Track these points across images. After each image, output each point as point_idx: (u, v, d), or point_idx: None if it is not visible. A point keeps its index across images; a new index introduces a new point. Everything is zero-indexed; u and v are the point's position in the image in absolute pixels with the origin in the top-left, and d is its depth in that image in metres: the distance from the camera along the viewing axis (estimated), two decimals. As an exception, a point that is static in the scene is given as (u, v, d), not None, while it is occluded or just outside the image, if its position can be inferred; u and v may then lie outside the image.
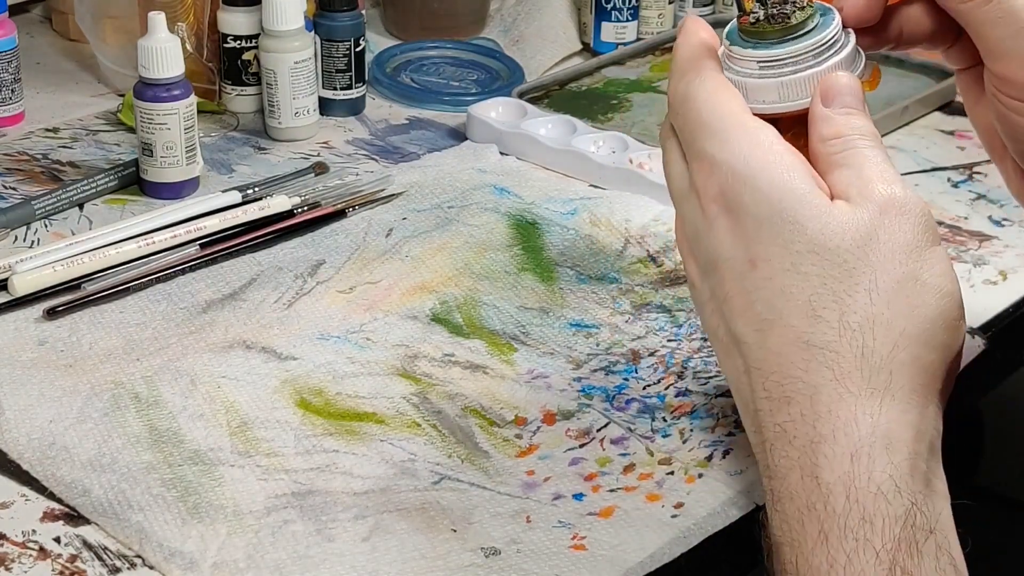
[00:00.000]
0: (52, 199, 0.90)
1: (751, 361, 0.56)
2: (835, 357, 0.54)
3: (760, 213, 0.56)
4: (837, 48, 0.60)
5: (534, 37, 1.17)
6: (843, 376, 0.53)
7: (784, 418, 0.54)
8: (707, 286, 0.59)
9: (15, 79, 1.02)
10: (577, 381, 0.74)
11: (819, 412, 0.53)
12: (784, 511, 0.53)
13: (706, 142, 0.58)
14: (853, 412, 0.53)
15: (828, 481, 0.52)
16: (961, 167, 1.00)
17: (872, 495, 0.51)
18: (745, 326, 0.56)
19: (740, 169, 0.57)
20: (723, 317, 0.58)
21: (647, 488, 0.66)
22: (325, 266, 0.84)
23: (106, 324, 0.78)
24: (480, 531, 0.63)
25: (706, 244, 0.58)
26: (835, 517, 0.51)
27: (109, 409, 0.70)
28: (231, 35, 1.02)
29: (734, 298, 0.57)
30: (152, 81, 0.90)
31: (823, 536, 0.51)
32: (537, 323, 0.79)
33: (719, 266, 0.57)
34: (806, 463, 0.53)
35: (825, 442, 0.53)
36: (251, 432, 0.69)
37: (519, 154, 0.98)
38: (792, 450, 0.54)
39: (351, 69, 1.04)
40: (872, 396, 0.53)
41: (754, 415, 0.57)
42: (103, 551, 0.61)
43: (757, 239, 0.56)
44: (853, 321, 0.54)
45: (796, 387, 0.54)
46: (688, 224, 0.60)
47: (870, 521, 0.51)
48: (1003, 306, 0.83)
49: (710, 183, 0.58)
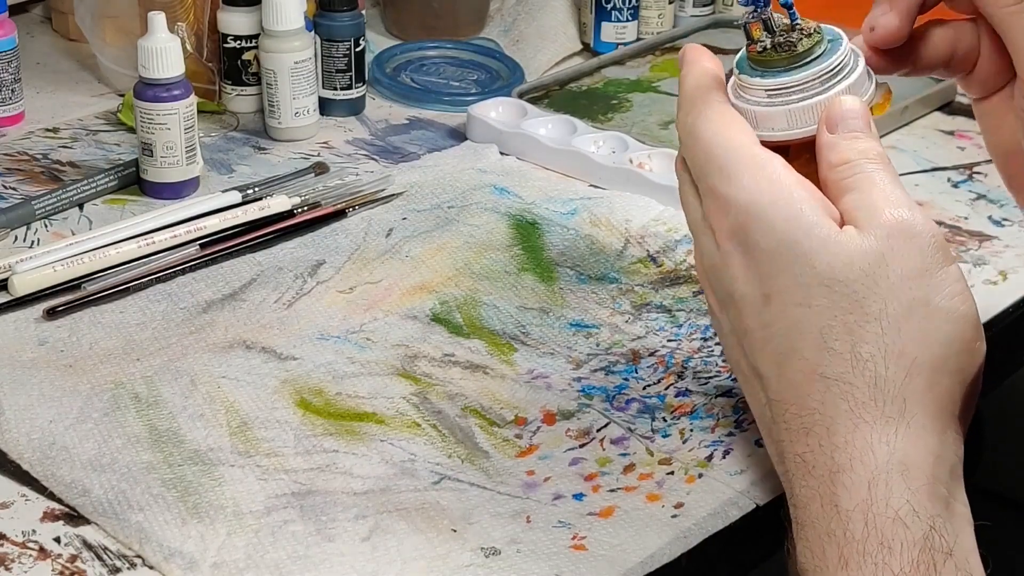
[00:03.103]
0: (52, 199, 0.90)
1: (771, 393, 0.57)
2: (849, 388, 0.54)
3: (770, 248, 0.56)
4: (845, 73, 0.61)
5: (534, 37, 1.17)
6: (858, 407, 0.54)
7: (803, 449, 0.55)
8: (726, 319, 0.60)
9: (15, 79, 1.02)
10: (577, 381, 0.74)
11: (836, 443, 0.54)
12: (807, 538, 0.54)
13: (716, 179, 0.59)
14: (869, 441, 0.53)
15: (847, 508, 0.53)
16: (961, 167, 1.00)
17: (890, 520, 0.52)
18: (764, 360, 0.57)
19: (750, 206, 0.57)
20: (743, 351, 0.59)
21: (647, 488, 0.66)
22: (325, 266, 0.84)
23: (106, 324, 0.78)
24: (480, 531, 0.63)
25: (723, 279, 0.59)
26: (854, 543, 0.52)
27: (109, 409, 0.70)
28: (231, 35, 1.02)
29: (752, 332, 0.57)
30: (152, 81, 0.90)
31: (843, 562, 0.52)
32: (537, 323, 0.79)
33: (736, 301, 0.58)
34: (825, 492, 0.54)
35: (843, 471, 0.53)
36: (251, 432, 0.69)
37: (519, 154, 0.98)
38: (812, 479, 0.54)
39: (351, 69, 1.04)
40: (887, 424, 0.54)
41: (776, 445, 0.57)
42: (103, 551, 0.61)
43: (769, 274, 0.56)
44: (865, 352, 0.54)
45: (813, 419, 0.55)
46: (706, 258, 0.60)
47: (888, 546, 0.52)
48: (1003, 306, 0.83)
49: (723, 220, 0.58)
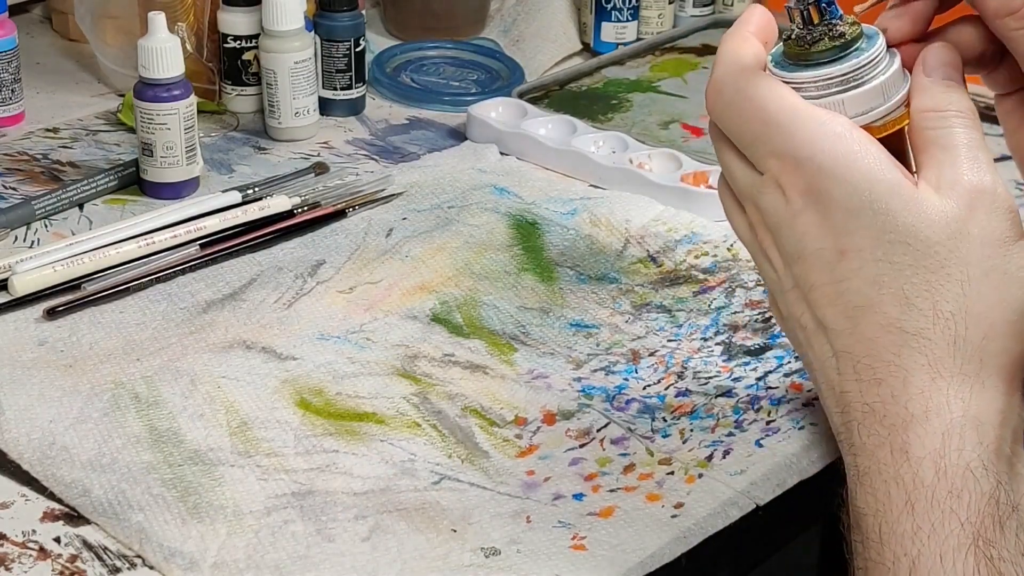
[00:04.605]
0: (52, 199, 0.90)
1: (839, 346, 0.58)
2: (928, 344, 0.56)
3: (851, 206, 0.57)
4: (885, 66, 0.61)
5: (534, 37, 1.17)
6: (936, 362, 0.55)
7: (874, 398, 0.56)
8: (790, 275, 0.60)
9: (15, 79, 1.02)
10: (577, 381, 0.74)
11: (911, 394, 0.55)
12: (871, 484, 0.56)
13: (781, 139, 0.59)
14: (946, 395, 0.55)
15: (918, 456, 0.54)
16: (961, 167, 1.00)
17: (961, 471, 0.54)
18: (834, 313, 0.58)
19: (826, 163, 0.58)
20: (808, 305, 0.59)
21: (647, 488, 0.66)
22: (325, 266, 0.84)
23: (106, 324, 0.78)
24: (480, 531, 0.63)
25: (790, 235, 0.59)
26: (923, 489, 0.54)
27: (109, 409, 0.70)
28: (231, 35, 1.02)
29: (823, 287, 0.58)
30: (152, 81, 0.90)
31: (909, 505, 0.54)
32: (537, 323, 0.79)
33: (806, 257, 0.59)
34: (896, 440, 0.55)
35: (916, 421, 0.55)
36: (251, 432, 0.69)
37: (519, 154, 0.98)
38: (882, 428, 0.56)
39: (351, 69, 1.04)
40: (963, 382, 0.55)
41: (839, 396, 0.58)
42: (103, 551, 0.61)
43: (847, 230, 0.57)
44: (945, 310, 0.56)
45: (888, 370, 0.56)
46: (771, 216, 0.60)
47: (957, 495, 0.53)
48: (1003, 306, 0.83)
49: (795, 177, 0.58)
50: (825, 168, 0.58)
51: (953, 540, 0.53)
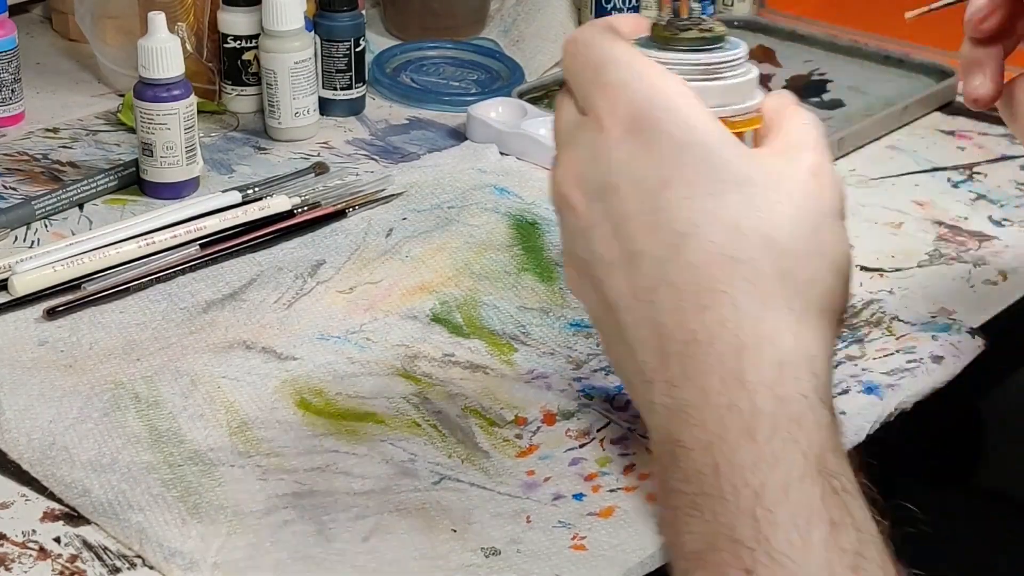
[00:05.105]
0: (52, 199, 0.90)
1: (658, 276, 0.55)
2: (757, 274, 0.54)
3: (683, 139, 0.55)
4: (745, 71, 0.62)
5: (534, 37, 1.17)
6: (766, 293, 0.54)
7: (699, 326, 0.54)
8: (599, 209, 0.58)
9: (15, 79, 1.02)
10: (577, 381, 0.74)
11: (742, 321, 0.53)
12: (700, 415, 0.53)
13: (617, 71, 0.58)
14: (777, 327, 0.53)
15: (754, 383, 0.52)
16: (961, 167, 1.00)
17: (799, 400, 0.52)
18: (655, 242, 0.55)
19: (658, 96, 0.57)
20: (620, 238, 0.57)
21: (647, 488, 0.66)
22: (325, 266, 0.84)
23: (106, 324, 0.78)
24: (480, 531, 0.63)
25: (606, 167, 0.57)
26: (762, 417, 0.51)
27: (109, 409, 0.70)
28: (231, 35, 1.02)
29: (641, 216, 0.56)
30: (152, 81, 0.90)
31: (749, 435, 0.51)
32: (537, 323, 0.79)
33: (621, 187, 0.56)
34: (727, 368, 0.53)
35: (749, 349, 0.53)
36: (251, 432, 0.69)
37: (519, 154, 0.98)
38: (709, 356, 0.53)
39: (351, 69, 1.04)
40: (792, 315, 0.54)
41: (654, 329, 0.55)
42: (103, 551, 0.61)
43: (676, 163, 0.55)
44: (776, 247, 0.54)
45: (715, 298, 0.54)
46: (581, 150, 0.58)
47: (798, 423, 0.51)
48: (1003, 306, 0.83)
49: (618, 107, 0.57)
50: (658, 102, 0.56)
51: (797, 470, 0.50)
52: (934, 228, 0.91)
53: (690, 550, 0.51)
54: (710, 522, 0.50)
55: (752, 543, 0.49)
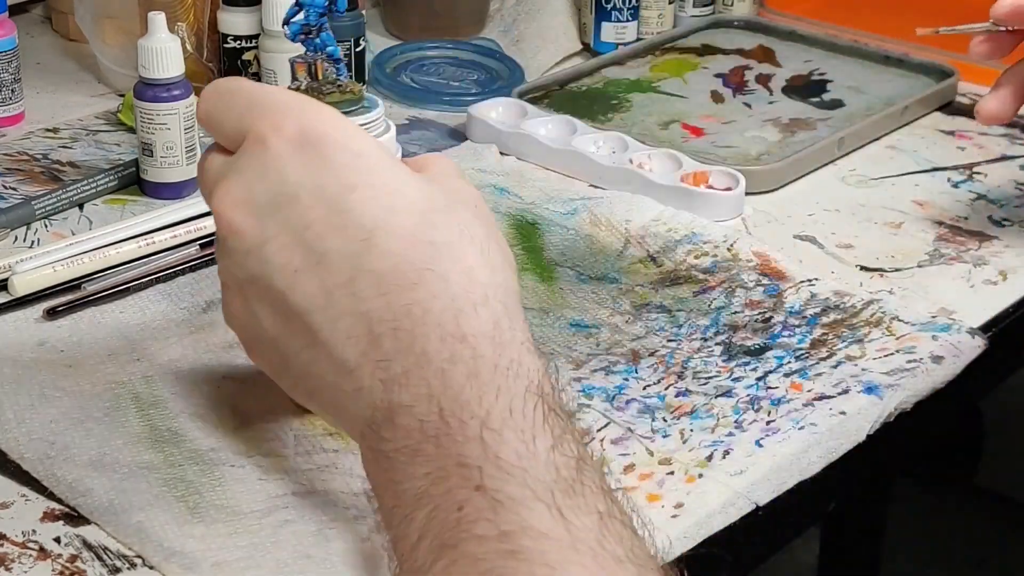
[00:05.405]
0: (52, 199, 0.90)
1: (352, 268, 0.58)
2: (459, 253, 0.58)
3: (357, 148, 0.60)
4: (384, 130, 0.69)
5: (534, 37, 1.17)
6: (469, 270, 0.58)
7: (411, 300, 0.57)
8: (274, 222, 0.60)
9: (15, 79, 1.02)
10: (577, 381, 0.74)
11: (453, 291, 0.57)
12: (421, 375, 0.56)
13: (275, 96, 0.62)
14: (485, 294, 0.57)
15: (474, 335, 0.56)
16: (961, 167, 1.00)
17: (517, 345, 0.56)
18: (344, 239, 0.58)
19: (322, 114, 0.61)
20: (303, 243, 0.59)
21: (647, 488, 0.66)
22: (325, 266, 0.84)
23: (106, 324, 0.78)
24: (480, 531, 0.63)
25: (279, 181, 0.60)
26: (484, 360, 0.55)
27: (109, 409, 0.70)
28: (231, 35, 1.02)
29: (325, 220, 0.59)
30: (152, 81, 0.90)
31: (472, 376, 0.55)
32: (537, 323, 0.79)
33: (301, 197, 0.59)
34: (448, 329, 0.56)
35: (466, 313, 0.57)
36: (251, 432, 0.69)
37: (519, 154, 0.98)
38: (427, 324, 0.56)
39: (351, 69, 1.04)
40: (496, 287, 0.58)
41: (360, 317, 0.58)
42: (103, 551, 0.61)
43: (356, 168, 0.59)
44: (468, 232, 0.59)
45: (423, 275, 0.57)
46: (243, 173, 0.61)
47: (517, 360, 0.55)
48: (1003, 306, 0.83)
49: (284, 125, 0.60)
50: (325, 119, 0.61)
51: (519, 396, 0.54)
52: (934, 228, 0.91)
53: (412, 496, 0.53)
54: (434, 458, 0.53)
55: (480, 461, 0.52)
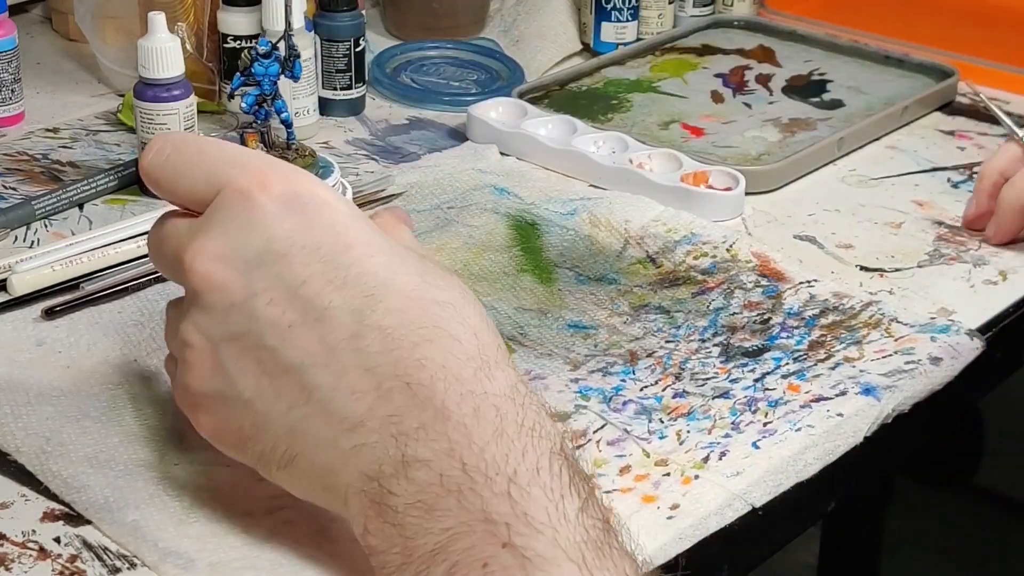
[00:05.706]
0: (52, 199, 0.90)
1: (358, 325, 0.58)
2: (464, 314, 0.58)
3: (348, 209, 0.60)
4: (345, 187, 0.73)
5: (534, 37, 1.17)
6: (478, 331, 0.58)
7: (422, 356, 0.57)
8: (261, 277, 0.59)
9: (15, 79, 1.02)
10: (574, 382, 0.74)
11: (467, 351, 0.57)
12: (440, 429, 0.55)
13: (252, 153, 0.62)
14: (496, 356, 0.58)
15: (496, 394, 0.56)
16: (961, 167, 1.00)
17: (537, 408, 0.57)
18: (346, 297, 0.58)
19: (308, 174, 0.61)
20: (297, 299, 0.58)
21: (643, 489, 0.66)
22: (324, 266, 0.84)
23: (104, 324, 0.78)
24: (477, 532, 0.63)
25: (265, 237, 0.59)
26: (507, 418, 0.55)
27: (107, 409, 0.70)
28: (231, 35, 1.02)
29: (322, 276, 0.58)
30: (152, 81, 0.90)
31: (497, 434, 0.55)
32: (535, 324, 0.79)
33: (292, 255, 0.59)
34: (468, 386, 0.56)
35: (482, 371, 0.57)
36: (249, 432, 0.69)
37: (519, 154, 0.98)
38: (445, 377, 0.56)
39: (351, 69, 1.04)
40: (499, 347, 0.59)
41: (367, 373, 0.57)
42: (103, 551, 0.61)
43: (352, 228, 0.59)
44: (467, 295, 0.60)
45: (433, 332, 0.57)
46: (225, 226, 0.60)
47: (539, 422, 0.56)
48: (1003, 306, 0.83)
49: (271, 184, 0.60)
50: (313, 182, 0.61)
51: (545, 457, 0.54)
52: (934, 228, 0.91)
53: (426, 552, 0.53)
54: (455, 512, 0.53)
55: (508, 518, 0.52)
